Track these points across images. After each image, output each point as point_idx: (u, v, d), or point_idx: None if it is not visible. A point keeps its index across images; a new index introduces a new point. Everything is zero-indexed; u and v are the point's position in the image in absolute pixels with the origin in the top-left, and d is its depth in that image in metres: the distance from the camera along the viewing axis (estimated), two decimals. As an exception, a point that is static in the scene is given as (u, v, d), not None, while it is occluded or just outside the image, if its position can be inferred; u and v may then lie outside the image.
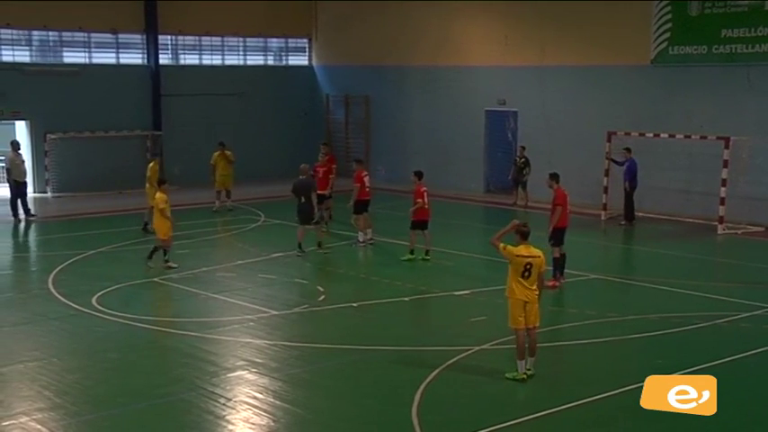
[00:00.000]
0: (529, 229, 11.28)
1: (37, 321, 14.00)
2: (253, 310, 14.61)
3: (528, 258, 10.98)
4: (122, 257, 18.77)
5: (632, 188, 22.66)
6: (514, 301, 11.08)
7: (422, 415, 9.94)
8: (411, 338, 13.35)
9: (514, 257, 10.99)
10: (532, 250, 11.07)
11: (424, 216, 18.45)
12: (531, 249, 11.08)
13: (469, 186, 28.36)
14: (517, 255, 11.00)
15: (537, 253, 11.07)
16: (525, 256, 10.99)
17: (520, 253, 11.01)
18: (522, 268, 10.97)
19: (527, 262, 10.96)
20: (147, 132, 29.59)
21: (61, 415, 10.08)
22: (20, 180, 23.34)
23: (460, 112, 28.87)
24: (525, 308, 11.03)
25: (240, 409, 10.29)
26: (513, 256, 11.00)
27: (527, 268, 10.96)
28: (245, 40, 32.31)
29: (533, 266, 10.96)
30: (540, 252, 11.15)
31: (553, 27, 26.39)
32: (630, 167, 22.63)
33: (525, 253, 11.02)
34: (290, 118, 32.49)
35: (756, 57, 22.26)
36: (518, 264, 10.98)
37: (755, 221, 21.65)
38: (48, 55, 28.79)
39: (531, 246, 11.13)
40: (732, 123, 22.22)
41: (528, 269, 10.96)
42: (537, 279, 11.03)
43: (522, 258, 10.97)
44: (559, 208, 15.96)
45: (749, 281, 16.40)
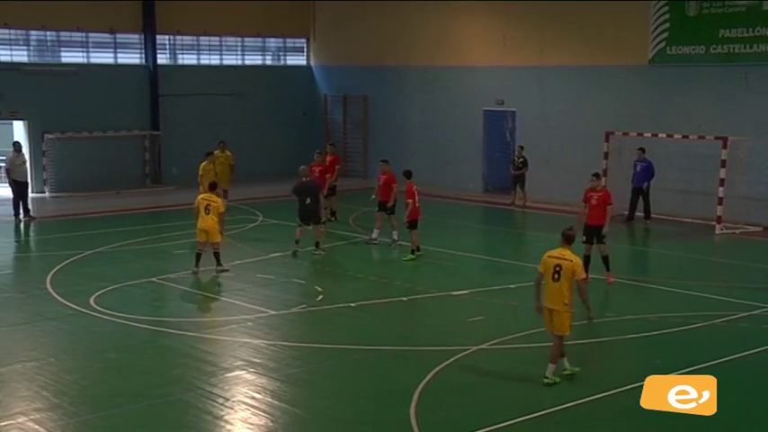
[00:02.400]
0: (573, 233, 11.01)
1: (35, 321, 13.98)
2: (251, 309, 14.60)
3: (557, 259, 10.75)
4: (120, 257, 18.75)
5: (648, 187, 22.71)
6: (542, 308, 10.91)
7: (420, 415, 9.94)
8: (409, 338, 13.34)
9: (546, 259, 10.79)
10: (566, 254, 10.79)
11: (416, 215, 18.48)
12: (566, 253, 10.80)
13: (468, 186, 28.37)
14: (548, 256, 10.81)
15: (570, 257, 10.75)
16: (555, 257, 10.77)
17: (551, 254, 10.82)
18: (552, 270, 10.73)
19: (556, 263, 10.72)
20: (145, 132, 29.58)
21: (59, 415, 10.07)
22: (19, 180, 23.32)
23: (459, 112, 28.87)
24: (551, 315, 10.82)
25: (238, 409, 10.28)
26: (545, 258, 10.80)
27: (556, 270, 10.70)
28: (243, 40, 32.30)
29: (563, 269, 10.68)
30: (575, 258, 10.81)
31: (551, 27, 26.40)
32: (648, 168, 22.60)
33: (556, 254, 10.81)
34: (288, 118, 32.47)
35: (754, 57, 22.27)
36: (548, 266, 10.76)
37: (753, 221, 21.66)
38: (46, 55, 28.76)
39: (570, 251, 10.83)
40: (730, 123, 22.24)
41: (557, 271, 10.69)
42: (568, 284, 10.69)
43: (552, 259, 10.76)
44: (611, 209, 16.01)
45: (747, 281, 16.40)
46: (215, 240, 16.95)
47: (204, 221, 16.82)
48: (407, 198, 18.42)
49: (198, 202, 17.15)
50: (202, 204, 16.95)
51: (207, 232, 16.85)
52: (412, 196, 18.40)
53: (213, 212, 16.80)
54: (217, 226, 16.87)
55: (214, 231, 16.87)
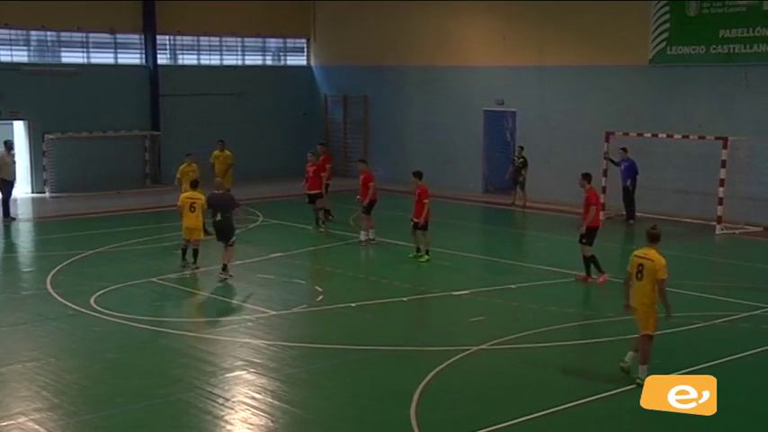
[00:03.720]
0: (659, 232, 10.92)
1: (35, 321, 13.98)
2: (251, 310, 14.60)
3: (640, 259, 10.71)
4: (121, 258, 18.75)
5: (633, 187, 22.76)
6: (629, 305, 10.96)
7: (420, 415, 9.93)
8: (410, 338, 13.33)
9: (632, 258, 10.79)
10: (650, 254, 10.70)
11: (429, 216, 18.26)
12: (650, 252, 10.72)
13: (468, 186, 28.36)
14: (634, 255, 10.83)
15: (653, 257, 10.65)
16: (638, 256, 10.75)
17: (637, 254, 10.83)
18: (636, 269, 10.73)
19: (639, 262, 10.71)
20: (145, 133, 29.58)
21: (59, 415, 10.07)
22: (8, 179, 23.29)
23: (459, 112, 28.87)
24: (637, 313, 10.85)
25: (238, 410, 10.27)
26: (632, 257, 10.81)
27: (639, 269, 10.69)
28: (243, 40, 32.31)
29: (645, 268, 10.63)
30: (658, 258, 10.65)
31: (551, 27, 26.40)
32: (631, 167, 22.68)
33: (640, 253, 10.79)
34: (288, 118, 32.48)
35: (754, 57, 22.27)
36: (633, 264, 10.77)
37: (753, 221, 21.65)
38: (46, 55, 28.77)
39: (656, 250, 10.77)
40: (730, 123, 22.23)
41: (640, 270, 10.68)
42: (650, 284, 10.62)
43: (636, 258, 10.76)
44: (594, 207, 16.00)
45: (748, 281, 16.39)
46: (198, 238, 17.19)
47: (189, 220, 16.97)
48: (423, 199, 17.98)
49: (182, 201, 17.27)
50: (187, 203, 17.06)
51: (191, 230, 17.07)
52: (428, 196, 18.08)
53: (198, 210, 16.94)
54: (201, 225, 17.11)
55: (198, 230, 17.14)
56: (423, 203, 17.97)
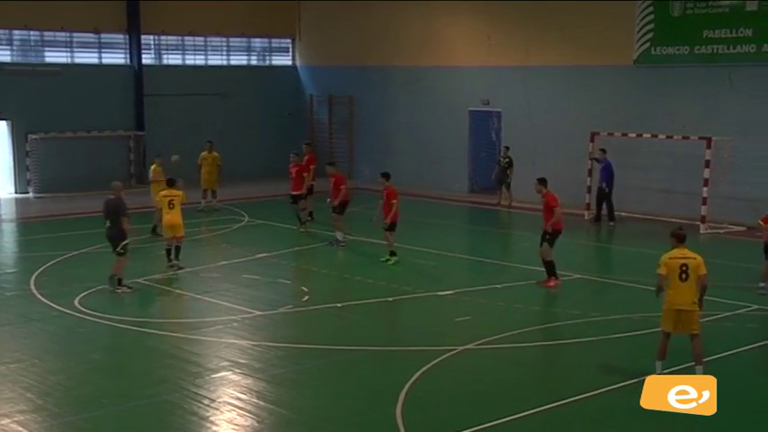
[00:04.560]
0: (685, 233, 11.15)
1: (19, 323, 13.91)
2: (237, 310, 14.57)
3: (682, 260, 10.82)
4: (105, 258, 18.56)
5: (610, 189, 22.77)
6: (666, 308, 10.96)
7: (406, 415, 9.94)
8: (395, 339, 13.35)
9: (668, 261, 10.85)
10: (687, 252, 10.91)
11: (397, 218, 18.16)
12: (686, 252, 10.92)
13: (453, 186, 28.40)
14: (670, 258, 10.88)
15: (692, 255, 10.88)
16: (679, 258, 10.86)
17: (673, 255, 10.90)
18: (678, 270, 10.79)
19: (682, 263, 10.80)
20: (129, 133, 29.48)
21: (43, 417, 10.02)
22: None
23: (444, 112, 28.90)
24: (680, 316, 10.86)
25: (224, 410, 10.25)
26: (666, 260, 10.86)
27: (683, 270, 10.78)
28: (228, 40, 32.24)
29: (690, 268, 10.76)
30: (697, 255, 10.91)
31: (536, 27, 26.46)
32: (608, 167, 22.74)
33: (678, 254, 10.90)
34: (273, 118, 32.42)
35: (737, 57, 22.39)
36: (673, 267, 10.82)
37: (737, 221, 21.75)
38: (29, 55, 28.62)
39: (687, 249, 10.97)
40: (714, 123, 22.34)
41: (684, 270, 10.77)
42: (696, 282, 10.77)
43: (676, 260, 10.84)
44: (558, 210, 15.81)
45: (731, 280, 16.46)
46: (179, 234, 17.16)
47: (170, 217, 16.98)
48: (392, 199, 17.90)
49: (160, 198, 17.25)
50: (165, 201, 17.04)
51: (173, 227, 17.02)
52: (395, 197, 18.05)
53: (177, 206, 16.99)
54: (181, 221, 17.08)
55: (179, 226, 17.12)
56: (391, 204, 17.83)
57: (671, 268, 10.84)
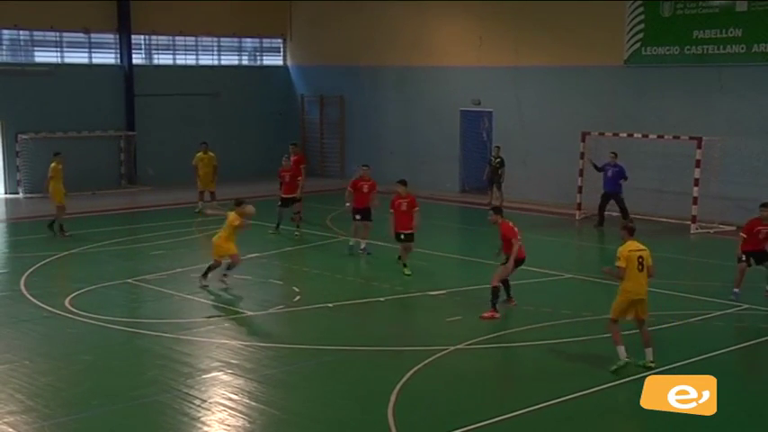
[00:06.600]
0: (635, 226, 11.82)
1: (8, 323, 13.85)
2: (228, 310, 14.55)
3: (640, 252, 11.41)
4: (95, 259, 18.62)
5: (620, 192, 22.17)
6: (625, 299, 11.42)
7: (398, 415, 9.93)
8: (387, 339, 13.33)
9: (629, 253, 11.35)
10: (639, 245, 11.52)
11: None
12: (638, 244, 11.53)
13: (445, 186, 28.42)
14: (629, 250, 11.37)
15: (643, 246, 11.53)
16: (636, 250, 11.42)
17: (632, 248, 11.41)
18: (636, 262, 11.32)
19: (640, 255, 11.37)
20: (120, 133, 29.40)
21: (33, 418, 9.98)
22: None
23: (435, 112, 28.92)
24: (637, 305, 11.41)
25: (215, 411, 10.23)
26: (626, 252, 11.36)
27: (640, 261, 11.33)
28: (219, 40, 32.19)
29: (644, 258, 11.37)
30: (646, 247, 11.57)
31: (527, 28, 26.50)
32: (620, 172, 21.96)
33: (634, 247, 11.45)
34: (264, 118, 32.39)
35: (727, 57, 22.47)
36: (632, 258, 11.33)
37: (727, 221, 21.80)
38: (19, 54, 28.51)
39: (638, 241, 11.60)
40: (704, 123, 22.42)
41: (641, 261, 11.34)
42: (649, 272, 11.43)
43: (634, 253, 11.36)
44: (516, 240, 14.50)
45: (722, 280, 16.51)
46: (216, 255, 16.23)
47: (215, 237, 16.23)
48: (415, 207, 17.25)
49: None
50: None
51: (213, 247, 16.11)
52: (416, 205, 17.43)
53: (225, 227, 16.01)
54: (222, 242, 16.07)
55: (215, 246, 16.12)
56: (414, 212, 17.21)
57: (630, 260, 11.36)
